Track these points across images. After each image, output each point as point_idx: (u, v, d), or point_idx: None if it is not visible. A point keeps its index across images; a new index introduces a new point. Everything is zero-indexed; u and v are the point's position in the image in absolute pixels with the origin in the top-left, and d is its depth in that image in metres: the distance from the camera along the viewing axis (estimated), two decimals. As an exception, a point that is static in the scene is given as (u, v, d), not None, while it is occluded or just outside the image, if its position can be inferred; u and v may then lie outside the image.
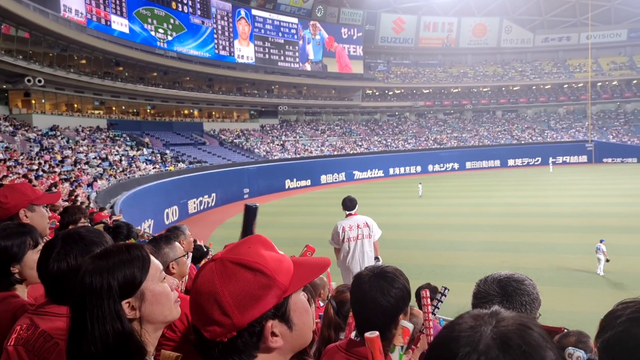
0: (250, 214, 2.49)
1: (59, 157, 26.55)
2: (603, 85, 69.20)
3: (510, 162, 59.38)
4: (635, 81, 68.11)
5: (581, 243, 18.38)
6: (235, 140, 49.88)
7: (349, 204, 7.69)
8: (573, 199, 29.98)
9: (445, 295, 2.00)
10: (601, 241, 15.39)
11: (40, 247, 2.30)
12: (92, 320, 1.32)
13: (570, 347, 1.82)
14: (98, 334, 1.31)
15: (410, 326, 1.73)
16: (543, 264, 16.32)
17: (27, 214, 3.11)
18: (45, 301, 1.96)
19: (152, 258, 1.49)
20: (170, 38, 46.24)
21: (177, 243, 3.28)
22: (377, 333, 1.48)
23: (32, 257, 2.29)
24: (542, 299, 2.02)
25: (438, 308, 2.01)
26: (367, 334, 1.46)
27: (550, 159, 55.95)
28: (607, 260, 15.04)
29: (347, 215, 7.68)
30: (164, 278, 1.51)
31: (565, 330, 2.39)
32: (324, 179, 48.33)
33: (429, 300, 1.89)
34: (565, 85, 70.08)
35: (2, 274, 2.27)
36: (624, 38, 71.44)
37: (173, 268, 3.10)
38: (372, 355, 1.42)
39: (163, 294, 1.47)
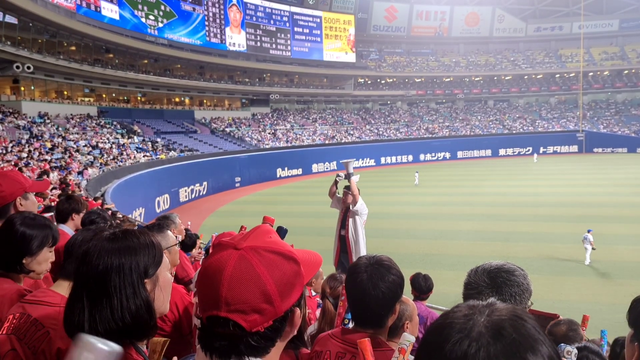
0: (280, 236, 2.64)
1: (48, 145, 26.32)
2: (594, 75, 69.44)
3: (502, 151, 59.55)
4: (626, 71, 68.41)
5: (571, 232, 18.52)
6: (226, 129, 49.66)
7: None
8: (563, 189, 30.17)
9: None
10: (588, 231, 15.52)
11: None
12: (119, 294, 1.36)
13: (568, 346, 1.83)
14: (125, 305, 1.36)
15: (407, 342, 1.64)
16: (533, 253, 16.45)
17: (21, 202, 3.07)
18: (39, 290, 1.96)
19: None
20: (161, 25, 45.79)
21: (169, 231, 3.28)
22: (368, 338, 1.52)
23: (46, 254, 2.26)
24: (532, 288, 2.03)
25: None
26: (359, 340, 1.50)
27: (541, 149, 56.22)
28: (593, 249, 15.20)
29: None
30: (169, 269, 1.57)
31: (559, 317, 2.41)
32: (315, 167, 48.31)
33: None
34: (557, 75, 70.29)
35: (14, 261, 2.21)
36: (616, 28, 71.66)
37: (165, 257, 3.09)
38: (363, 357, 1.46)
39: (169, 283, 1.53)
